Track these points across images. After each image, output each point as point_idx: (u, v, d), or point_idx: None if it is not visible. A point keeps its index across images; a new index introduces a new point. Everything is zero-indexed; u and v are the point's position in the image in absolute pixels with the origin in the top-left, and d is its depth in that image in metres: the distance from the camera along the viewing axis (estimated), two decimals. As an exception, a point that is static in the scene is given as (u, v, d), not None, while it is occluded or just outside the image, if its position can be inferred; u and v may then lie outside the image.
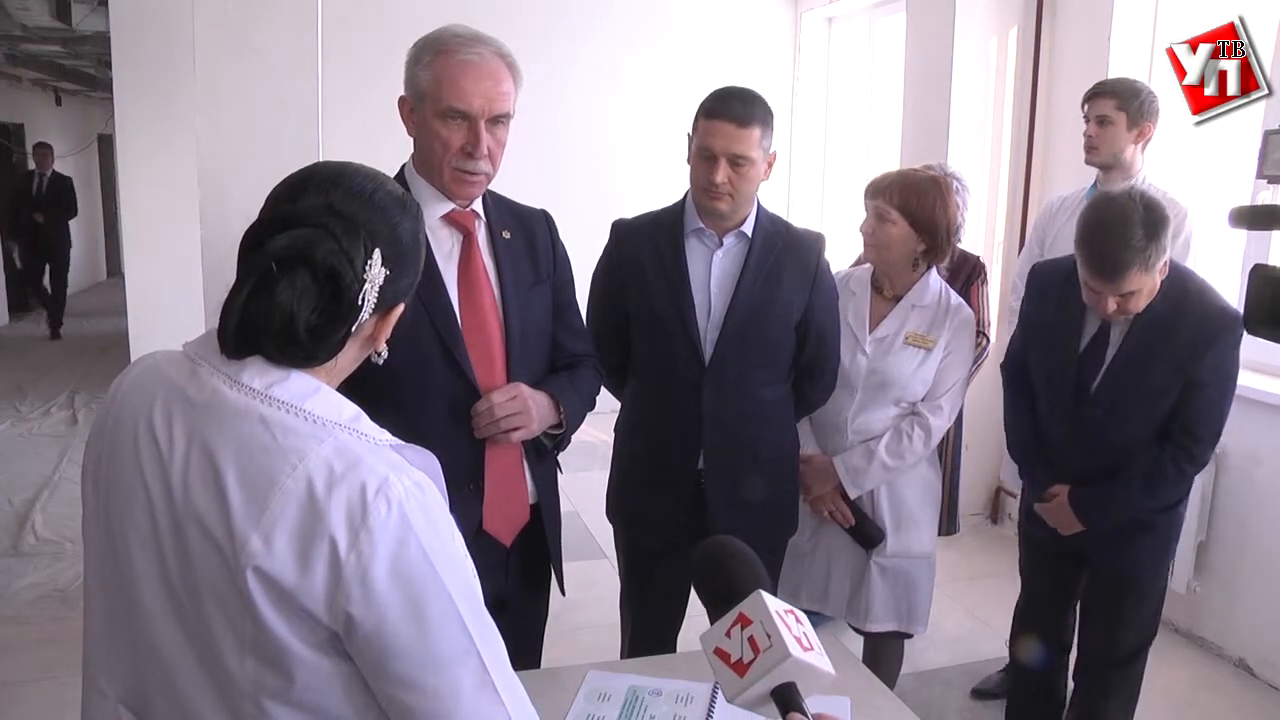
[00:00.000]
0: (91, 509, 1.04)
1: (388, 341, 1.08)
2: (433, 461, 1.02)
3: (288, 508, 0.90)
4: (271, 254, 0.93)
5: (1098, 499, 2.18)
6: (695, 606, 1.65)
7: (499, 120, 1.64)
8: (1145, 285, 2.01)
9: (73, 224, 10.53)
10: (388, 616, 0.91)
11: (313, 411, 0.95)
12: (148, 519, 0.95)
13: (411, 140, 1.72)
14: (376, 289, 0.98)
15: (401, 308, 1.05)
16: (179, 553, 0.94)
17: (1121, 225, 1.94)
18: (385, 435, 1.00)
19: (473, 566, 0.99)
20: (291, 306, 0.93)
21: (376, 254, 0.97)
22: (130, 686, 1.01)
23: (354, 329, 0.98)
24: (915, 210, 2.20)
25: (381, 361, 1.07)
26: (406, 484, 0.93)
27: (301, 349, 0.95)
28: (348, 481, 0.91)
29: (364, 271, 0.96)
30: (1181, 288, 2.08)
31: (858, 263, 2.55)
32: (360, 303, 0.97)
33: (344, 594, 0.90)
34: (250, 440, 0.92)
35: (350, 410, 0.99)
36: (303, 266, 0.93)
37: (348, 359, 1.03)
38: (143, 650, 0.98)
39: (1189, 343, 2.04)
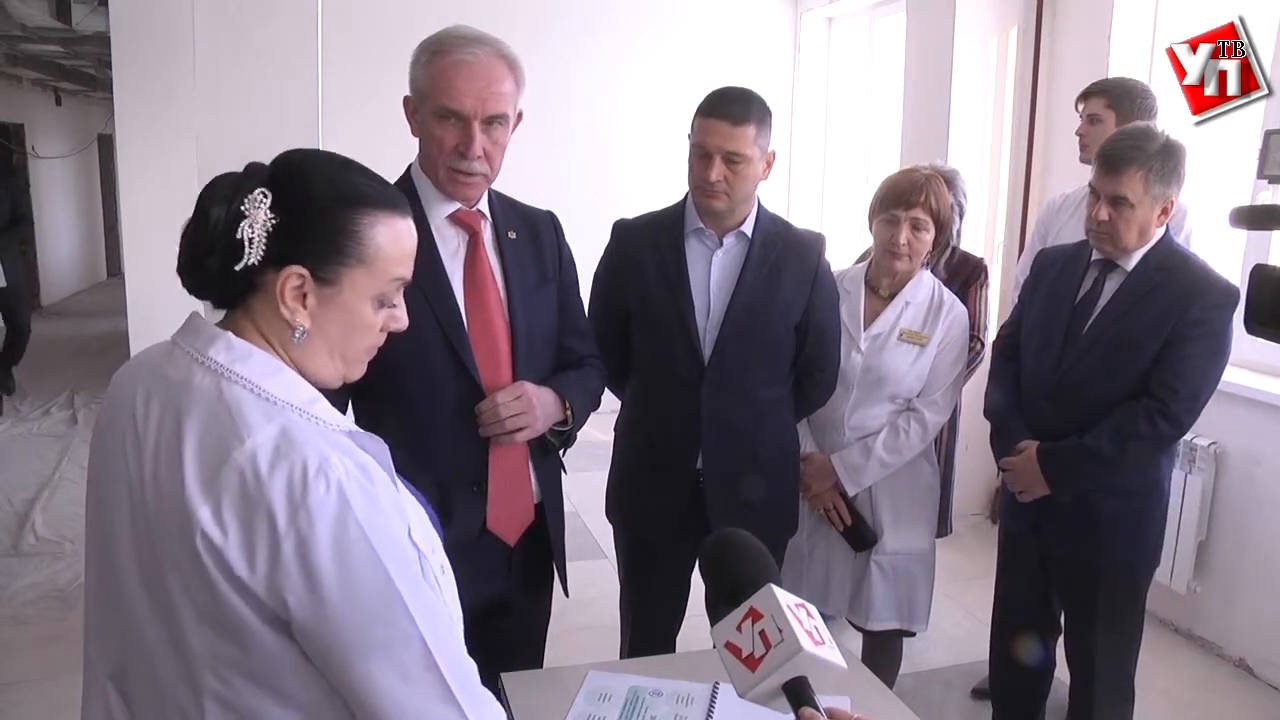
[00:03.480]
0: (89, 493, 1.08)
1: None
2: (383, 449, 1.03)
3: (232, 481, 0.92)
4: (209, 185, 1.01)
5: (1065, 453, 2.15)
6: (695, 606, 1.66)
7: (494, 121, 1.63)
8: (1138, 205, 2.05)
9: (72, 224, 10.41)
10: (326, 597, 0.93)
11: (270, 391, 0.98)
12: (126, 495, 0.99)
13: (417, 140, 1.72)
14: (258, 229, 0.98)
15: (309, 280, 1.01)
16: (148, 525, 0.97)
17: (1141, 132, 2.11)
18: (342, 421, 1.03)
19: (415, 554, 1.00)
20: (195, 237, 1.00)
21: (260, 194, 0.99)
22: (114, 660, 1.04)
23: (247, 272, 0.99)
24: (939, 211, 2.23)
25: (297, 337, 1.02)
26: (348, 465, 0.95)
27: (198, 280, 1.01)
28: (289, 459, 0.93)
29: (242, 206, 0.98)
30: (1182, 257, 2.15)
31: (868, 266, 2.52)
32: (242, 239, 0.98)
33: (283, 572, 0.92)
34: (209, 415, 0.96)
35: (308, 394, 1.02)
36: (217, 204, 0.99)
37: (275, 326, 1.02)
38: (121, 624, 1.01)
39: (1178, 301, 2.07)
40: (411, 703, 0.97)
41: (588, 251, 2.13)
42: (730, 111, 1.97)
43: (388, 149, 1.89)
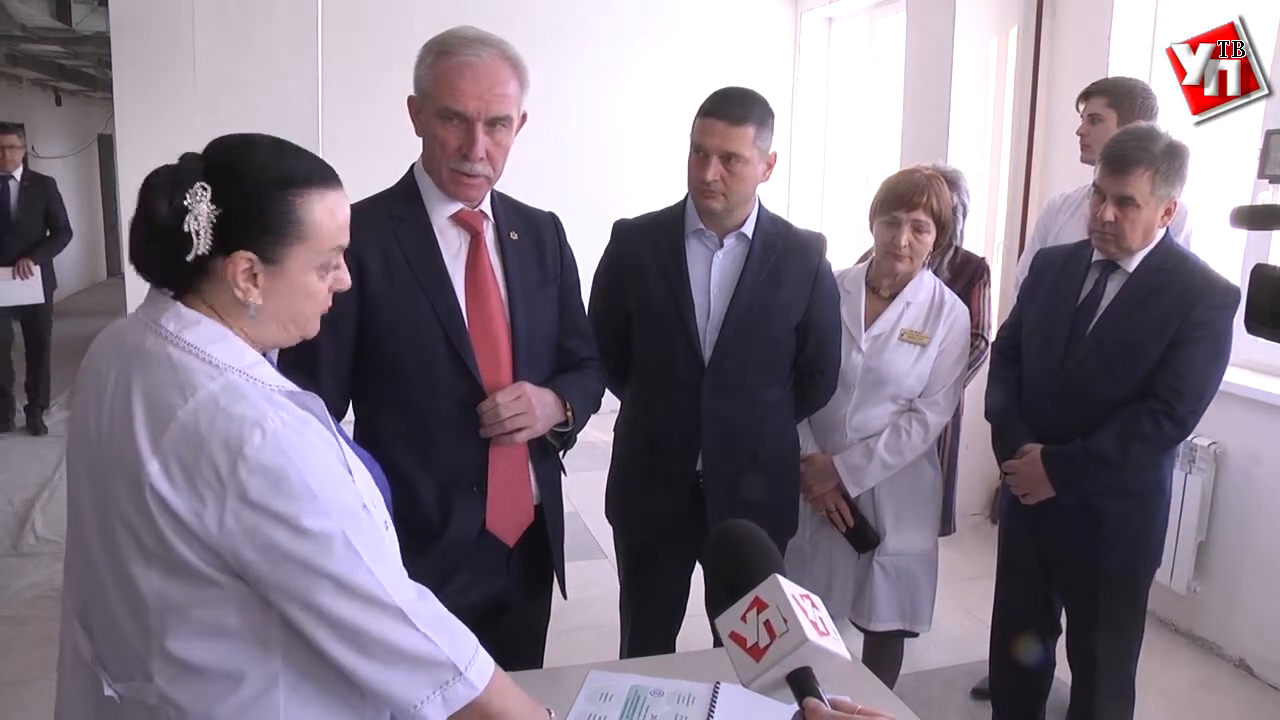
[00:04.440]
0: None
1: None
2: (321, 406, 1.11)
3: (178, 438, 1.00)
4: (148, 182, 1.06)
5: (1069, 456, 2.16)
6: (695, 606, 1.65)
7: (498, 123, 1.63)
8: (1144, 206, 2.06)
9: (72, 224, 10.33)
10: (271, 539, 1.00)
11: (213, 355, 1.06)
12: (86, 448, 1.08)
13: (420, 140, 1.72)
14: (203, 222, 1.04)
15: (256, 262, 1.07)
16: (104, 476, 1.05)
17: (1146, 133, 2.11)
18: (282, 383, 1.10)
19: (356, 494, 1.08)
20: (142, 231, 1.07)
21: (200, 188, 1.04)
22: (79, 598, 1.14)
23: (196, 260, 1.05)
24: (940, 212, 2.23)
25: (252, 314, 1.10)
26: (284, 417, 1.03)
27: (151, 270, 1.09)
28: (227, 414, 1.01)
29: (185, 200, 1.04)
30: (1182, 257, 2.16)
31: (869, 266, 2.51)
32: (189, 231, 1.03)
33: (229, 520, 0.99)
34: (158, 376, 1.04)
35: (251, 357, 1.10)
36: (160, 199, 1.05)
37: (225, 303, 1.10)
38: (84, 566, 1.11)
39: (1180, 302, 2.07)
40: (366, 628, 1.04)
41: (588, 251, 2.12)
42: (729, 112, 1.97)
43: (388, 149, 1.89)
